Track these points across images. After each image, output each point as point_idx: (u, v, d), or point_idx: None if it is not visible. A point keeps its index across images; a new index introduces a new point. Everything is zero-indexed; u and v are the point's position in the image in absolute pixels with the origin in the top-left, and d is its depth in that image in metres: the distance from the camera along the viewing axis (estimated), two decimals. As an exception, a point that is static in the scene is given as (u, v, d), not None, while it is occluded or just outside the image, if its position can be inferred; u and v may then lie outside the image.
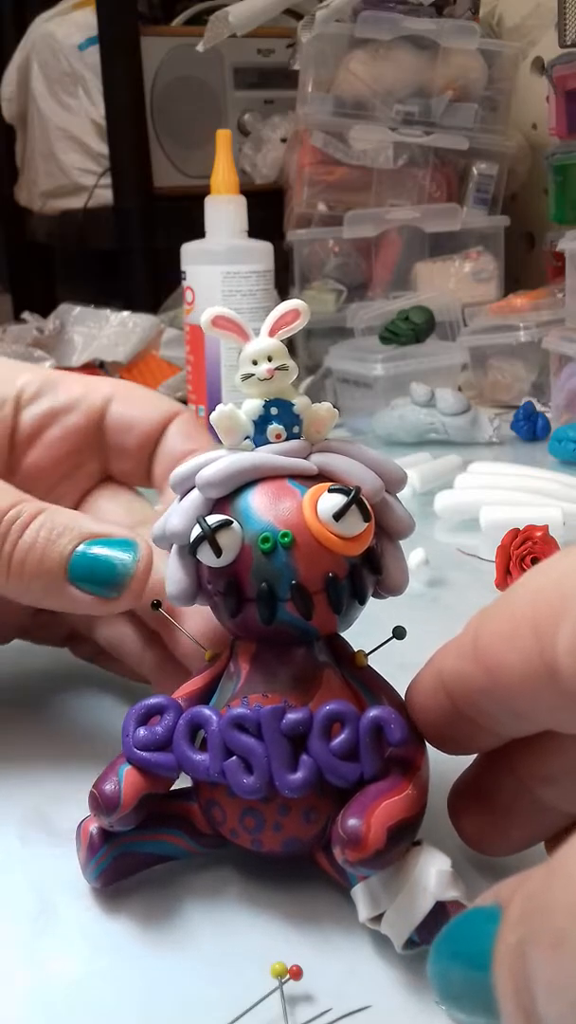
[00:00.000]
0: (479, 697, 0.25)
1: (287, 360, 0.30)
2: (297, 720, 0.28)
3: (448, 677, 0.26)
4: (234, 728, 0.28)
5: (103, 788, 0.28)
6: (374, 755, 0.28)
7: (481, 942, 0.17)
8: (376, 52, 1.00)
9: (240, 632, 0.30)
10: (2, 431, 0.38)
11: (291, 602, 0.28)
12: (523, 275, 1.12)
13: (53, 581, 0.33)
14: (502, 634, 0.24)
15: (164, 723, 0.29)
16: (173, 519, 0.30)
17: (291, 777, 0.27)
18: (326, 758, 0.27)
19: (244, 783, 0.28)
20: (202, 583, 0.30)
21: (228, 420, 0.30)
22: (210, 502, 0.29)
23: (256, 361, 0.30)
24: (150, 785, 0.29)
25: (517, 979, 0.16)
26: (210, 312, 0.30)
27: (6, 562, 0.33)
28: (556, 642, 0.22)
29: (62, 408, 0.39)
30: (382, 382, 0.87)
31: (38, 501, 0.34)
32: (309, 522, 0.28)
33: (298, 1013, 0.26)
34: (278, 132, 1.17)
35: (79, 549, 0.33)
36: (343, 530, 0.28)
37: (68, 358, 1.02)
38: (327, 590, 0.28)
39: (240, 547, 0.28)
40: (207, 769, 0.28)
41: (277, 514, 0.28)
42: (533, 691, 0.23)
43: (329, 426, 0.30)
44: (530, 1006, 0.16)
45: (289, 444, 0.30)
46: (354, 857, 0.26)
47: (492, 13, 1.12)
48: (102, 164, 1.22)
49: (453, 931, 0.19)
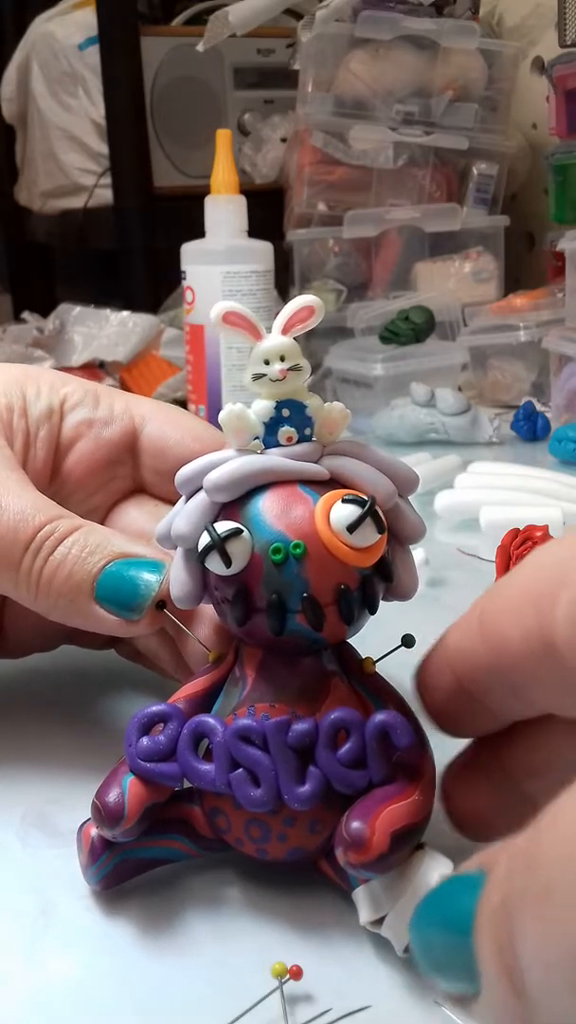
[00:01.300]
0: (482, 675, 0.25)
1: (300, 359, 0.29)
2: (303, 732, 0.27)
3: (453, 654, 0.26)
4: (240, 740, 0.27)
5: (106, 800, 0.28)
6: (381, 760, 0.27)
7: (463, 906, 0.17)
8: (376, 52, 1.00)
9: (247, 639, 0.29)
10: (50, 439, 0.38)
11: (302, 614, 0.27)
12: (523, 275, 1.12)
13: (79, 598, 0.33)
14: (505, 609, 0.24)
15: (167, 732, 0.29)
16: (179, 522, 0.29)
17: (299, 790, 0.27)
18: (333, 768, 0.27)
19: (251, 796, 0.27)
20: (208, 587, 0.29)
21: (237, 420, 0.29)
22: (217, 506, 0.29)
23: (268, 360, 0.28)
24: (153, 795, 0.28)
25: (500, 938, 0.16)
26: (220, 307, 0.29)
27: (36, 577, 0.33)
28: (555, 615, 0.22)
29: (100, 420, 0.39)
30: (382, 382, 0.87)
31: (77, 518, 0.34)
32: (321, 533, 0.27)
33: (298, 1013, 0.26)
34: (278, 132, 1.17)
35: (108, 568, 0.33)
36: (356, 541, 0.27)
37: (68, 358, 1.02)
38: (338, 602, 0.28)
39: (250, 556, 0.27)
40: (213, 781, 0.28)
41: (289, 523, 0.27)
42: (533, 667, 0.23)
43: (342, 427, 0.30)
44: (513, 965, 0.16)
45: (300, 447, 0.29)
46: (356, 860, 0.26)
47: (492, 13, 1.12)
48: (102, 164, 1.22)
49: (435, 897, 0.19)
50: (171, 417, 0.40)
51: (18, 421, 0.38)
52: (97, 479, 0.39)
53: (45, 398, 0.39)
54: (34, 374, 0.40)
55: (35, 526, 0.33)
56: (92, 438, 0.39)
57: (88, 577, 0.32)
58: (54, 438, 0.39)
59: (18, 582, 0.33)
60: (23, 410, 0.38)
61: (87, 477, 0.39)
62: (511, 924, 0.16)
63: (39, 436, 0.38)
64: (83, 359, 1.02)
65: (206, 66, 1.19)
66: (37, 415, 0.38)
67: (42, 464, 0.38)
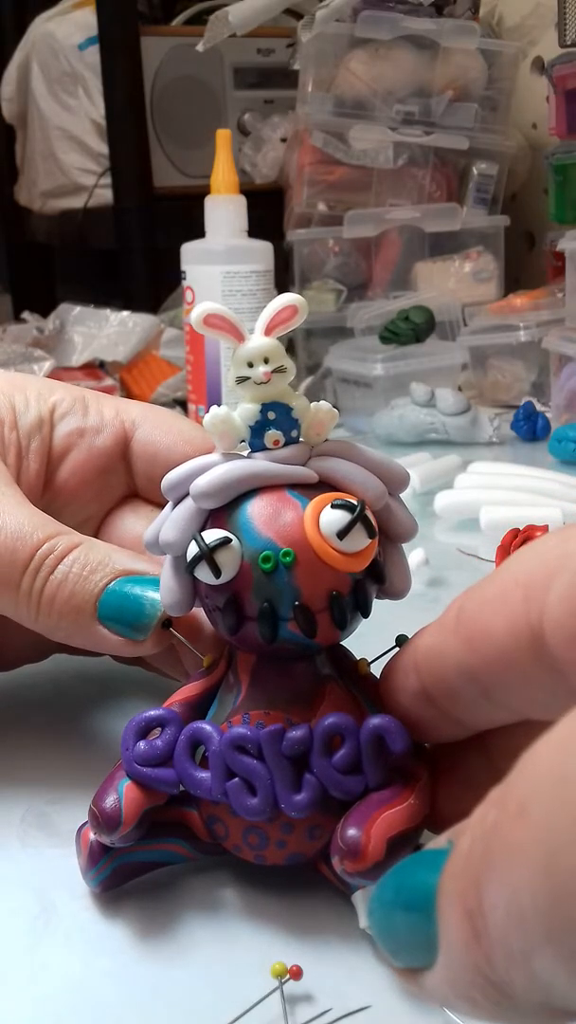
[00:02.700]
0: (452, 676, 0.24)
1: (285, 361, 0.28)
2: (297, 739, 0.27)
3: (422, 656, 0.25)
4: (235, 749, 0.27)
5: (103, 806, 0.28)
6: (376, 765, 0.27)
7: (428, 876, 0.17)
8: (376, 52, 1.00)
9: (239, 646, 0.29)
10: (42, 451, 0.38)
11: (294, 621, 0.27)
12: (523, 275, 1.12)
13: (81, 619, 0.32)
14: (490, 599, 0.23)
15: (164, 737, 0.28)
16: (167, 530, 0.28)
17: (295, 798, 0.27)
18: (329, 774, 0.27)
19: (248, 805, 0.27)
20: (198, 594, 0.29)
21: (223, 424, 0.28)
22: (205, 512, 0.28)
23: (252, 363, 0.28)
24: (150, 800, 0.28)
25: (465, 882, 0.16)
26: (201, 309, 0.28)
27: (36, 598, 0.32)
28: (546, 602, 0.21)
29: (91, 428, 0.39)
30: (382, 382, 0.87)
31: (76, 534, 0.33)
32: (311, 539, 0.27)
33: (298, 1013, 0.26)
34: (278, 132, 1.17)
35: (110, 586, 0.32)
36: (347, 547, 0.27)
37: (68, 358, 1.02)
38: (331, 608, 0.27)
39: (239, 565, 0.27)
40: (209, 789, 0.28)
41: (278, 530, 0.27)
42: (513, 660, 0.22)
43: (329, 428, 0.29)
44: (475, 906, 0.15)
45: (288, 450, 0.28)
46: (352, 868, 0.26)
47: (492, 13, 1.12)
48: (102, 164, 1.22)
49: (398, 871, 0.18)
50: (161, 421, 0.39)
51: (9, 434, 0.37)
52: (91, 489, 0.39)
53: (34, 408, 0.38)
54: (20, 383, 0.39)
55: (34, 545, 0.32)
56: (84, 448, 0.38)
57: (90, 597, 0.32)
58: (46, 449, 0.38)
59: (18, 603, 0.32)
60: (13, 422, 0.37)
61: (81, 487, 0.38)
62: (478, 863, 0.16)
63: (31, 448, 0.37)
64: (83, 359, 1.02)
65: (206, 66, 1.19)
66: (27, 426, 0.38)
67: (35, 476, 0.37)
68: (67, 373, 1.00)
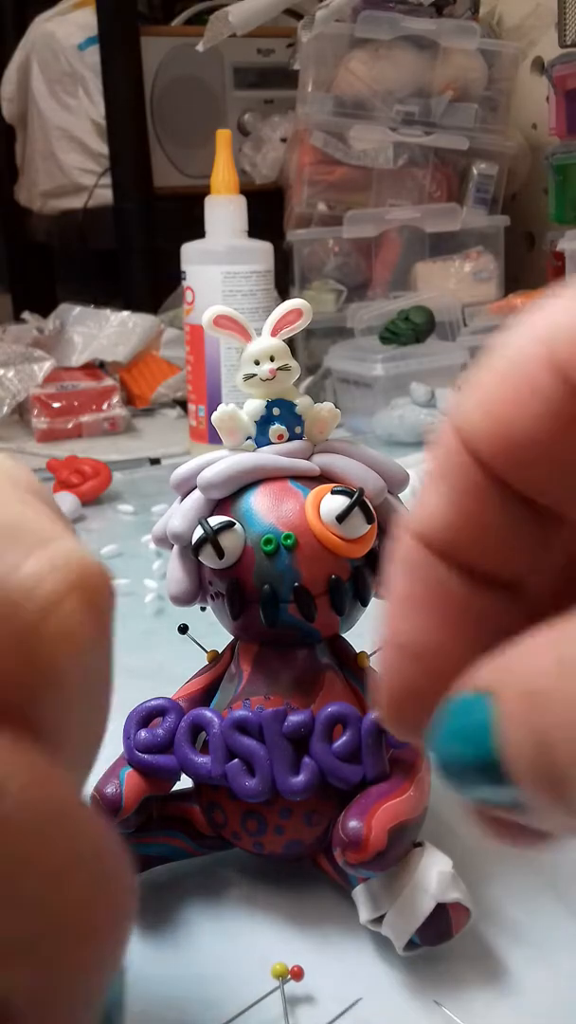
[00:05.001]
0: (450, 535, 0.16)
1: (289, 360, 0.30)
2: (299, 722, 0.28)
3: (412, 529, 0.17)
4: (236, 731, 0.28)
5: (104, 791, 0.28)
6: (376, 757, 0.27)
7: (481, 718, 0.14)
8: (376, 52, 1.00)
9: (242, 633, 0.30)
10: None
11: (293, 604, 0.28)
12: (523, 275, 1.12)
13: None
14: (497, 383, 0.16)
15: (165, 725, 0.29)
16: (174, 520, 0.29)
17: (293, 780, 0.27)
18: (328, 760, 0.27)
19: (246, 786, 0.27)
20: (204, 584, 0.30)
21: (230, 420, 0.30)
22: (212, 503, 0.29)
23: (258, 361, 0.29)
24: (151, 787, 0.29)
25: (528, 725, 0.13)
26: (212, 311, 0.30)
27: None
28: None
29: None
30: (382, 382, 0.87)
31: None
32: (312, 524, 0.28)
33: (298, 1013, 0.26)
34: (278, 132, 1.17)
35: None
36: (346, 532, 0.28)
37: (68, 358, 1.02)
38: (330, 592, 0.28)
39: (242, 549, 0.28)
40: (209, 771, 0.28)
41: (279, 516, 0.28)
42: (550, 439, 0.15)
43: (331, 427, 0.30)
44: (543, 739, 0.13)
45: (291, 445, 0.30)
46: (354, 859, 0.26)
47: (492, 13, 1.12)
48: (102, 164, 1.22)
49: (451, 719, 0.15)
50: None
51: None
52: None
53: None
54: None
55: None
56: None
57: None
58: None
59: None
60: None
61: None
62: (535, 699, 0.13)
63: None
64: (83, 359, 1.02)
65: (206, 66, 1.19)
66: None
67: None
68: (67, 373, 1.00)
